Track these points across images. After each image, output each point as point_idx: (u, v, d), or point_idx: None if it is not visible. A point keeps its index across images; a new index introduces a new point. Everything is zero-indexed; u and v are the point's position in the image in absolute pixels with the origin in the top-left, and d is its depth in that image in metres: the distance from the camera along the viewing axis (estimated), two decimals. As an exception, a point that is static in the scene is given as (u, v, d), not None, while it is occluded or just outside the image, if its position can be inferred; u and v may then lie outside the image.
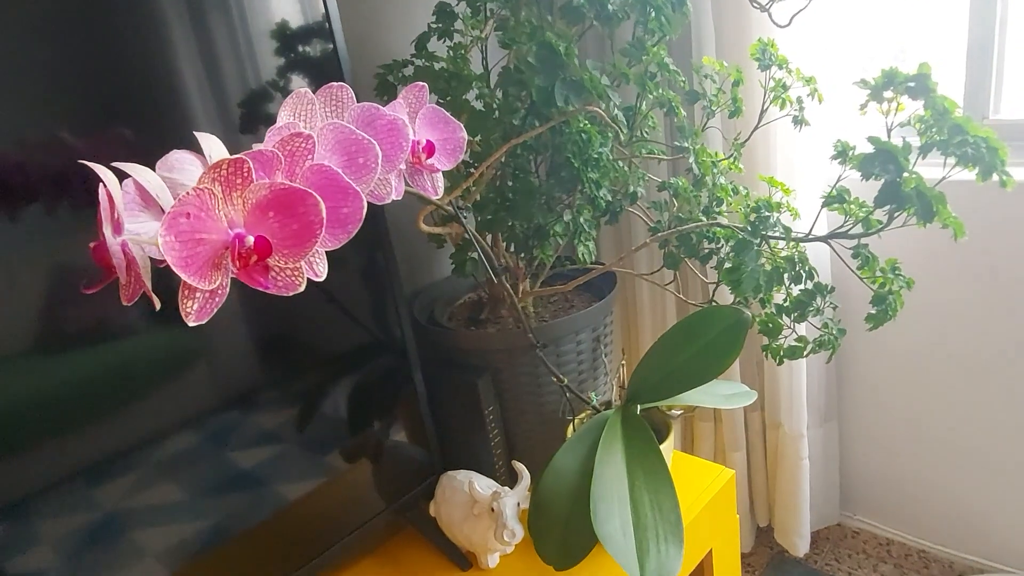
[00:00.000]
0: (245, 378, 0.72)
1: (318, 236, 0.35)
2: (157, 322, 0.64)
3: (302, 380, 0.78)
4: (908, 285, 0.71)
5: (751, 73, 0.99)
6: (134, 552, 0.65)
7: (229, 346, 0.70)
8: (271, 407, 0.75)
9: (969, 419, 1.30)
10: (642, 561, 0.65)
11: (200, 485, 0.69)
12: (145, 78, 0.59)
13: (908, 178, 0.64)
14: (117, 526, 0.63)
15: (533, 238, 0.80)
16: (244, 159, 0.33)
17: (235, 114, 0.66)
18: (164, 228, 0.31)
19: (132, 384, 0.62)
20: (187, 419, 0.67)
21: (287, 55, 0.69)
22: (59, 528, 0.60)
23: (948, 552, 1.39)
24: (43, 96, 0.53)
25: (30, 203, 0.52)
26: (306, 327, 0.78)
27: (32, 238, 0.54)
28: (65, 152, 0.54)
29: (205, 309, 0.34)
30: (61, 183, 0.52)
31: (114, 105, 0.58)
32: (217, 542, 0.71)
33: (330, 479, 0.81)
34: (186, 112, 0.62)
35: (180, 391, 0.67)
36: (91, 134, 0.56)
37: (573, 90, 0.60)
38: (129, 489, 0.64)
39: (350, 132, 0.41)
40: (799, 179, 1.19)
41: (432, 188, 0.50)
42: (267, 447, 0.75)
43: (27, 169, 0.51)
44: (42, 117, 0.54)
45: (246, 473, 0.73)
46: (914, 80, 0.65)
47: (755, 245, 0.66)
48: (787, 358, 0.71)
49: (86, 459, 0.60)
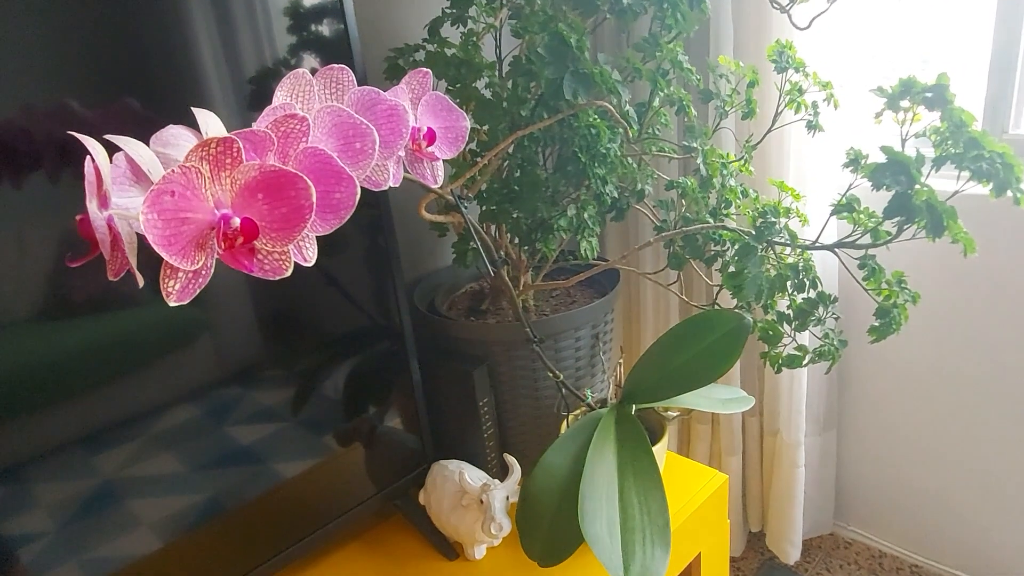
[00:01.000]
0: (242, 355, 0.72)
1: (307, 221, 0.35)
2: (157, 296, 0.64)
3: (299, 361, 0.77)
4: (914, 300, 0.70)
5: (766, 75, 0.98)
6: (129, 521, 0.66)
7: (228, 323, 0.70)
8: (266, 385, 0.75)
9: (969, 435, 1.29)
10: (627, 562, 0.65)
11: (193, 459, 0.69)
12: (155, 52, 0.58)
13: (919, 190, 0.63)
14: (113, 494, 0.64)
15: (536, 231, 0.80)
16: (233, 139, 0.32)
17: (243, 91, 0.65)
18: (146, 205, 0.31)
19: (132, 356, 0.62)
20: (184, 393, 0.67)
21: (298, 34, 0.68)
22: (56, 494, 0.60)
23: (941, 568, 1.38)
24: (51, 67, 0.53)
25: (37, 171, 0.51)
26: (306, 308, 0.77)
27: (40, 206, 0.54)
28: (69, 123, 0.54)
29: (187, 289, 0.33)
30: (66, 152, 0.52)
31: (122, 78, 0.57)
32: (208, 516, 0.71)
33: (321, 461, 0.81)
34: (194, 87, 0.62)
35: (179, 365, 0.66)
36: (98, 106, 0.55)
37: (582, 83, 0.59)
38: (126, 459, 0.64)
39: (348, 116, 0.40)
40: (810, 185, 1.17)
41: (431, 176, 0.50)
42: (260, 425, 0.75)
43: (32, 138, 0.50)
44: (50, 87, 0.53)
45: (239, 450, 0.73)
46: (932, 91, 0.64)
47: (759, 250, 0.65)
48: (785, 367, 0.70)
49: (83, 428, 0.60)
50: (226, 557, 0.75)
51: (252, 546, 0.76)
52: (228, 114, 0.64)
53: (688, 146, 0.78)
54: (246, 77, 0.65)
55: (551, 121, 0.66)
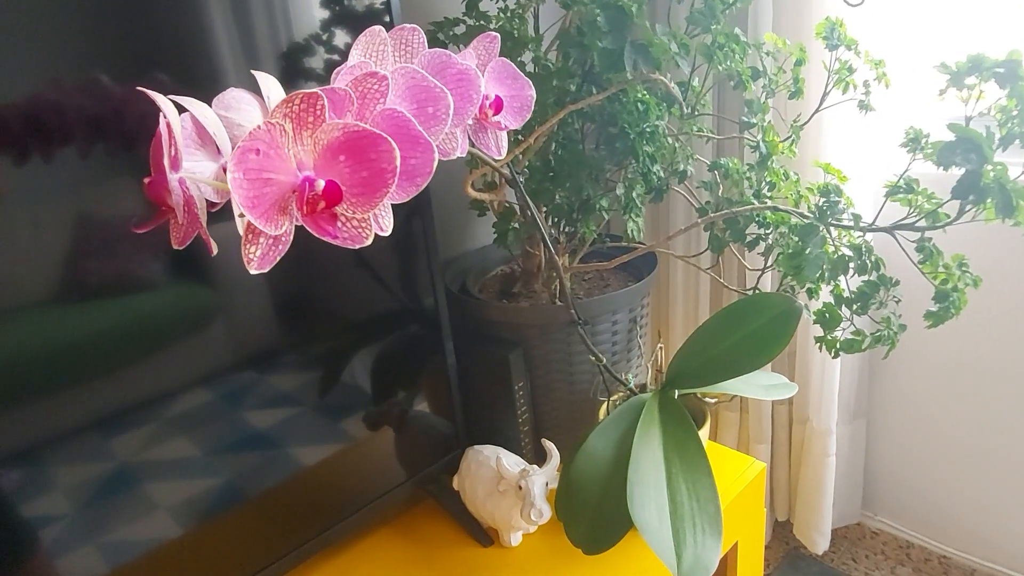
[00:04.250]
0: (275, 338, 0.70)
1: (390, 186, 0.32)
2: (188, 277, 0.62)
3: (332, 343, 0.76)
4: (975, 283, 0.67)
5: (811, 53, 0.95)
6: (157, 505, 0.64)
7: (259, 304, 0.68)
8: (297, 369, 0.73)
9: (998, 428, 1.27)
10: (679, 551, 0.63)
11: (222, 443, 0.68)
12: (190, 19, 0.56)
13: (988, 170, 0.60)
14: (140, 478, 0.62)
15: (578, 211, 0.77)
16: (319, 94, 0.30)
17: (283, 61, 0.63)
18: (234, 163, 0.29)
19: (158, 337, 0.60)
20: (210, 376, 0.65)
21: (340, 4, 0.66)
22: (89, 475, 0.58)
23: (970, 559, 1.37)
24: (80, 36, 0.51)
25: (52, 150, 0.49)
26: (338, 289, 0.76)
27: (58, 187, 0.51)
28: (99, 93, 0.52)
29: (268, 256, 0.31)
30: (87, 129, 0.50)
31: (154, 46, 0.55)
32: (239, 501, 0.70)
33: (353, 446, 0.80)
34: (232, 55, 0.60)
35: (210, 348, 0.65)
36: (129, 75, 0.53)
37: (642, 55, 0.57)
38: (152, 442, 0.62)
39: (422, 78, 0.38)
40: (851, 167, 1.14)
41: (496, 147, 0.47)
42: (290, 409, 0.73)
43: (53, 113, 0.48)
44: (78, 58, 0.51)
45: (268, 433, 0.72)
46: (1004, 66, 0.61)
47: (821, 230, 0.62)
48: (844, 351, 0.68)
49: (114, 409, 0.59)
50: (259, 542, 0.73)
51: (284, 532, 0.75)
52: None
53: (746, 122, 0.76)
54: (284, 48, 0.63)
55: (604, 95, 0.63)
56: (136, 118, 0.51)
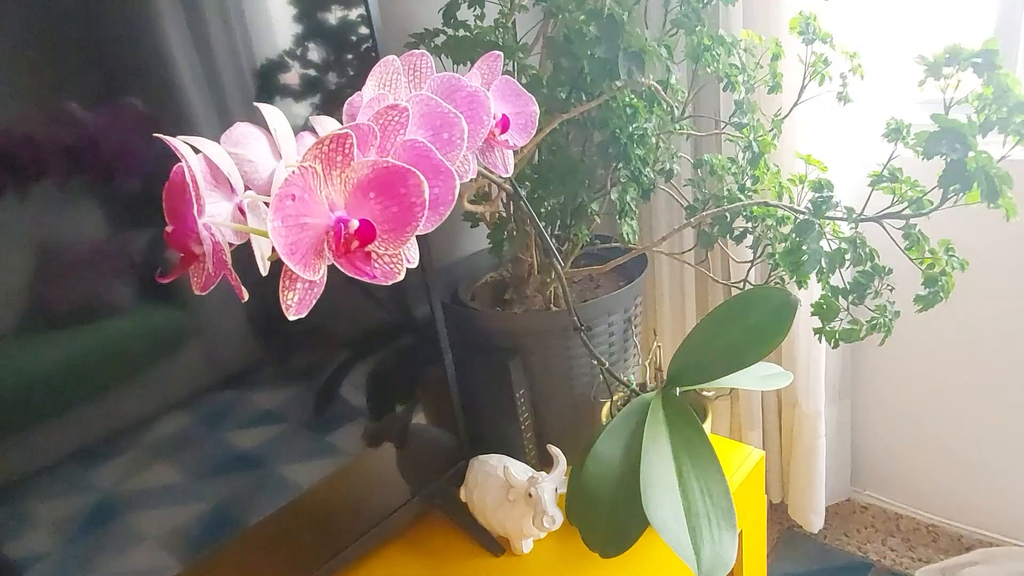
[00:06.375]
0: (269, 357, 0.69)
1: (419, 220, 0.32)
2: (182, 298, 0.61)
3: (328, 361, 0.75)
4: (962, 267, 0.69)
5: (785, 47, 0.96)
6: (146, 536, 0.63)
7: (252, 322, 0.67)
8: (294, 388, 0.72)
9: (974, 400, 1.31)
10: (697, 549, 0.64)
11: (219, 468, 0.66)
12: (164, 38, 0.55)
13: (972, 157, 0.62)
14: (129, 509, 0.60)
15: (571, 216, 0.78)
16: (348, 133, 0.30)
17: (261, 79, 0.62)
18: (273, 212, 0.28)
19: (140, 361, 0.59)
20: (202, 399, 0.63)
21: (318, 17, 0.65)
22: (77, 510, 0.57)
23: (956, 526, 1.41)
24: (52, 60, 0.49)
25: (22, 181, 0.47)
26: (334, 306, 0.74)
27: (28, 216, 0.49)
28: (72, 123, 0.50)
29: (305, 300, 0.31)
30: (57, 158, 0.48)
31: (126, 68, 0.53)
32: (240, 528, 0.68)
33: (356, 466, 0.79)
34: (209, 72, 0.58)
35: (198, 370, 0.63)
36: (101, 102, 0.51)
37: (636, 62, 0.57)
38: (141, 470, 0.60)
39: (436, 105, 0.38)
40: (827, 157, 1.16)
41: (503, 166, 0.47)
42: (288, 428, 0.72)
43: (23, 143, 0.46)
44: (52, 82, 0.49)
45: (265, 455, 0.70)
46: (980, 56, 0.63)
47: (817, 226, 0.64)
48: (843, 341, 0.69)
49: (113, 435, 0.57)
50: (266, 572, 0.72)
51: (291, 559, 0.74)
52: (244, 99, 0.61)
53: (740, 122, 0.77)
54: (263, 63, 0.62)
55: (596, 103, 0.64)
56: (98, 141, 0.49)
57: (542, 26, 0.80)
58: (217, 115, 0.60)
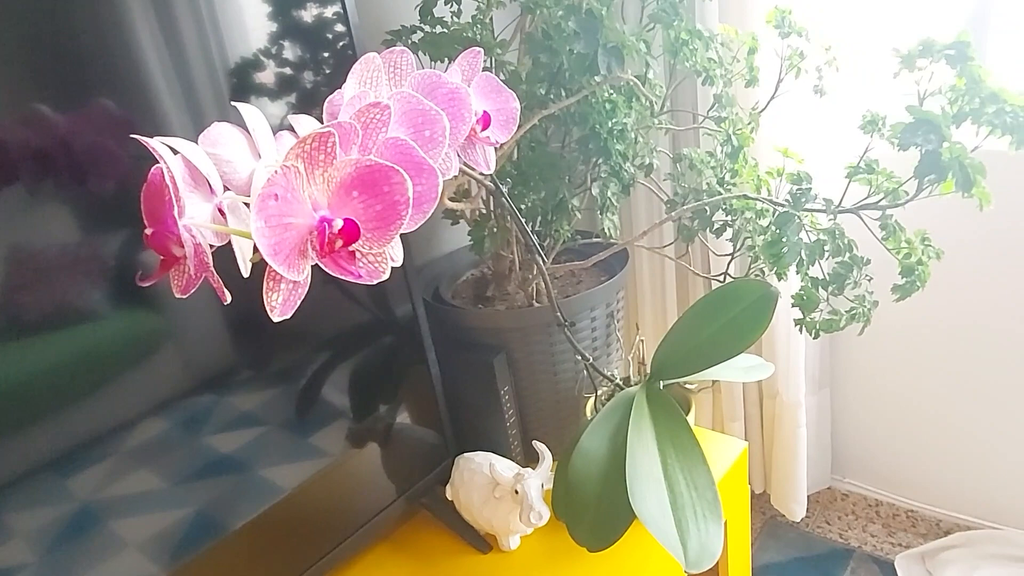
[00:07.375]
0: (250, 359, 0.68)
1: (403, 218, 0.32)
2: (159, 301, 0.60)
3: (310, 362, 0.74)
4: (938, 256, 0.71)
5: (761, 41, 0.97)
6: (144, 543, 0.62)
7: (232, 323, 0.66)
8: (277, 389, 0.71)
9: (950, 387, 1.34)
10: (683, 540, 0.64)
11: (199, 472, 0.65)
12: (135, 37, 0.54)
13: (948, 148, 0.63)
14: (108, 516, 0.60)
15: (552, 212, 0.78)
16: (330, 132, 0.29)
17: (237, 78, 0.61)
18: (256, 213, 0.28)
19: (118, 366, 0.58)
20: (183, 402, 0.62)
21: (293, 16, 0.64)
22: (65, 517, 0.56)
23: (935, 511, 1.44)
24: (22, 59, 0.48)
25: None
26: (315, 307, 0.74)
27: (1, 220, 0.48)
28: (43, 126, 0.49)
29: (290, 301, 0.30)
30: (30, 161, 0.47)
31: (96, 68, 0.52)
32: (223, 533, 0.68)
33: (341, 467, 0.78)
34: (185, 74, 0.57)
35: (178, 373, 0.62)
36: (72, 103, 0.50)
37: (616, 57, 0.57)
38: (121, 476, 0.60)
39: (418, 102, 0.37)
40: (803, 149, 1.18)
41: (485, 162, 0.47)
42: (271, 430, 0.71)
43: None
44: (22, 84, 0.48)
45: (247, 459, 0.69)
46: (953, 48, 0.64)
47: (797, 218, 0.64)
48: (824, 331, 0.70)
49: (94, 442, 0.56)
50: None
51: (277, 564, 0.73)
52: (217, 97, 0.60)
53: (720, 116, 0.77)
54: (238, 62, 0.61)
55: (576, 99, 0.64)
56: (71, 143, 0.48)
57: (520, 22, 0.80)
58: (191, 116, 0.59)
